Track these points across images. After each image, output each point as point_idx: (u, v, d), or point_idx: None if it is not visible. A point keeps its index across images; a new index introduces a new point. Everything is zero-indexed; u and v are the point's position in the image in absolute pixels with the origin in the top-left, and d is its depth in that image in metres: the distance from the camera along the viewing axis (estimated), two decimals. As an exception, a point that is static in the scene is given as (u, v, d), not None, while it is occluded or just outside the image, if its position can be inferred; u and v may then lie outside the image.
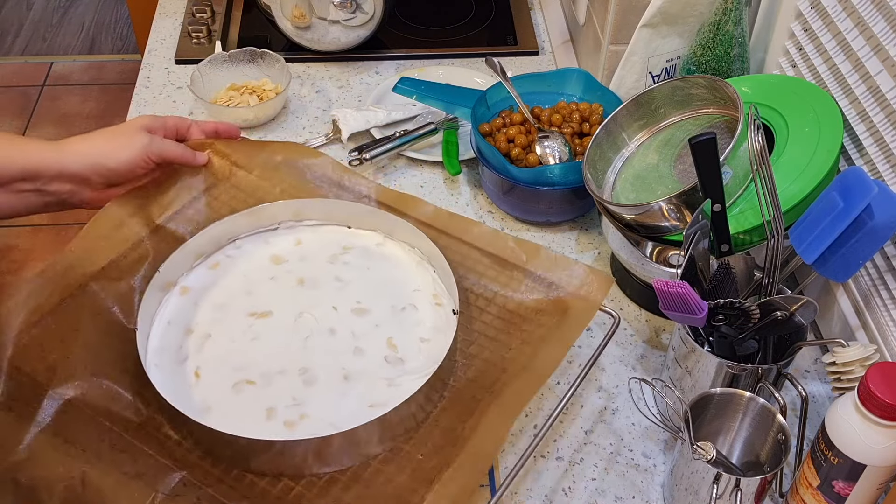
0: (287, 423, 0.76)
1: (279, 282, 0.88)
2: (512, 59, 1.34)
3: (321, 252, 0.91)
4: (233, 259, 0.91)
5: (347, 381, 0.79)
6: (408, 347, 0.82)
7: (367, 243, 0.92)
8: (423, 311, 0.85)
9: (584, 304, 0.82)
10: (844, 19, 0.86)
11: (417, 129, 1.16)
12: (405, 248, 0.91)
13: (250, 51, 1.24)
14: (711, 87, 0.91)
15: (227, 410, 0.77)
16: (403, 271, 0.89)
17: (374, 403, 0.77)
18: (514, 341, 0.81)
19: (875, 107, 0.83)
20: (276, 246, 0.92)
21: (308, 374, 0.80)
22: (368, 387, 0.79)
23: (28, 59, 2.94)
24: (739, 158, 0.84)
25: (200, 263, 0.90)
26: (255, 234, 0.93)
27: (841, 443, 0.69)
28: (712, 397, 0.77)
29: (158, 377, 0.78)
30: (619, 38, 1.11)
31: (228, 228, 0.91)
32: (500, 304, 0.85)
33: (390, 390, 0.78)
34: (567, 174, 1.00)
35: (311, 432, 0.74)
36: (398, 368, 0.80)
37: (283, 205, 0.92)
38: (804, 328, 0.77)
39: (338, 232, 0.93)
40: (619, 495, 0.81)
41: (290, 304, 0.86)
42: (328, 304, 0.86)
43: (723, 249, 0.82)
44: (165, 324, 0.84)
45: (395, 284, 0.88)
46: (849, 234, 0.73)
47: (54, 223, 2.35)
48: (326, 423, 0.76)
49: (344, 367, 0.80)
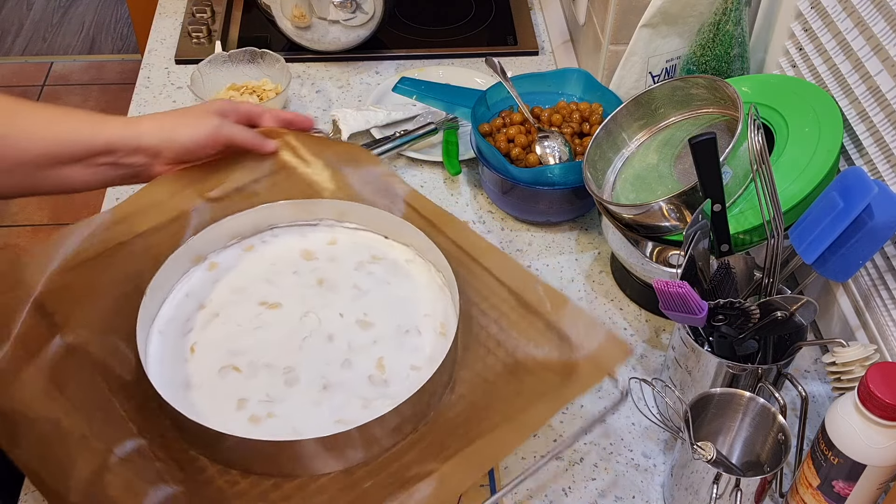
0: (252, 419, 0.76)
1: (300, 277, 0.88)
2: (512, 59, 1.34)
3: (351, 256, 0.90)
4: (266, 245, 0.91)
5: (325, 391, 0.78)
6: (396, 372, 0.80)
7: (397, 257, 0.90)
8: (425, 338, 0.82)
9: (592, 369, 0.77)
10: (844, 19, 0.86)
11: (417, 129, 1.16)
12: (432, 269, 0.88)
13: (250, 51, 1.24)
14: (711, 87, 0.90)
15: (205, 391, 0.77)
16: (422, 293, 0.86)
17: (343, 420, 0.75)
18: (510, 391, 0.77)
19: (875, 107, 0.83)
20: (311, 241, 0.91)
21: (291, 375, 0.79)
22: (343, 402, 0.77)
23: (28, 59, 2.94)
24: (739, 158, 0.84)
25: (236, 244, 0.90)
26: (294, 227, 0.92)
27: (841, 443, 0.69)
28: (712, 397, 0.77)
29: (157, 345, 0.80)
30: (619, 38, 1.11)
31: (270, 215, 0.91)
32: (509, 350, 0.80)
33: (363, 411, 0.76)
34: (567, 174, 1.00)
35: (270, 432, 0.74)
36: (379, 390, 0.78)
37: (328, 203, 0.91)
38: (804, 328, 0.77)
39: (373, 240, 0.91)
40: (619, 495, 0.81)
41: (301, 301, 0.85)
42: (337, 309, 0.85)
43: (723, 249, 0.82)
44: (183, 295, 0.85)
45: (409, 304, 0.85)
46: (849, 234, 0.73)
47: (54, 223, 2.36)
48: (290, 427, 0.75)
49: (327, 376, 0.79)
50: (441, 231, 0.89)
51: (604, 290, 1.00)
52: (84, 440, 0.71)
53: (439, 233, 0.88)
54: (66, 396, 0.74)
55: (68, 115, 0.84)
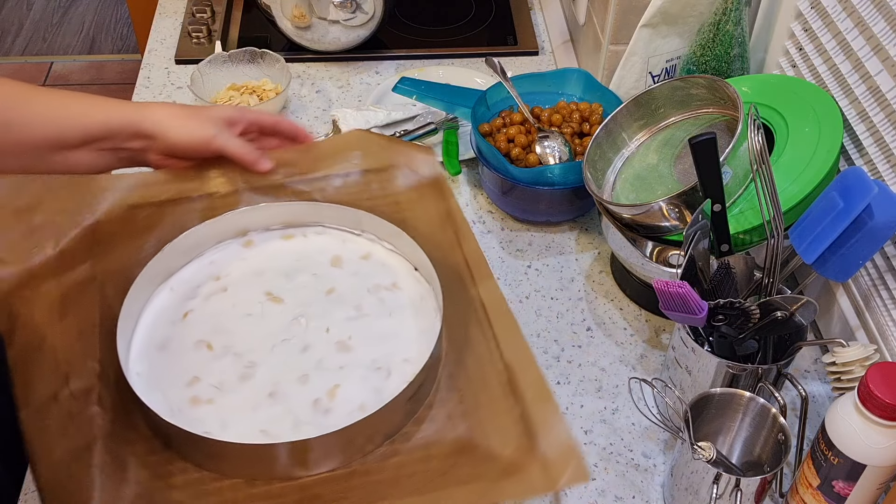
0: (193, 399, 0.76)
1: (316, 280, 0.87)
2: (512, 59, 1.34)
3: (373, 277, 0.88)
4: (304, 240, 0.91)
5: (269, 398, 0.77)
6: (343, 405, 0.77)
7: (414, 293, 0.86)
8: (391, 382, 0.79)
9: (542, 479, 0.70)
10: (844, 19, 0.86)
11: (417, 129, 1.16)
12: (439, 318, 0.83)
13: (250, 51, 1.24)
14: (711, 87, 0.91)
15: (172, 358, 0.78)
16: (415, 336, 0.83)
17: (267, 432, 0.74)
18: (441, 466, 0.73)
19: (875, 107, 0.83)
20: (347, 249, 0.90)
21: (249, 371, 0.79)
22: (278, 417, 0.76)
23: (28, 59, 2.94)
24: (739, 158, 0.84)
25: (279, 229, 0.91)
26: (340, 231, 0.92)
27: (841, 443, 0.69)
28: (712, 397, 0.77)
29: (162, 300, 0.82)
30: (619, 38, 1.11)
31: (318, 212, 0.91)
32: (470, 425, 0.75)
33: (289, 432, 0.75)
34: (567, 174, 1.00)
35: (198, 418, 0.75)
36: (316, 417, 0.76)
37: (381, 222, 0.89)
38: (804, 328, 0.77)
39: (403, 268, 0.89)
40: (619, 495, 0.81)
41: (302, 304, 0.85)
42: (328, 323, 0.83)
43: (723, 249, 0.82)
44: (208, 262, 0.86)
45: (396, 343, 0.82)
46: (849, 234, 0.73)
47: (54, 223, 2.35)
48: (218, 420, 0.75)
49: (279, 384, 0.78)
50: (472, 277, 0.86)
51: (604, 290, 1.00)
52: (55, 364, 0.73)
53: (470, 279, 0.85)
54: (64, 318, 0.76)
55: (74, 99, 0.84)
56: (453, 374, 0.79)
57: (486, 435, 0.75)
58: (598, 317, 0.97)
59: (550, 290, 0.99)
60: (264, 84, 1.23)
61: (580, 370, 0.91)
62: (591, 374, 0.91)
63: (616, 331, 0.95)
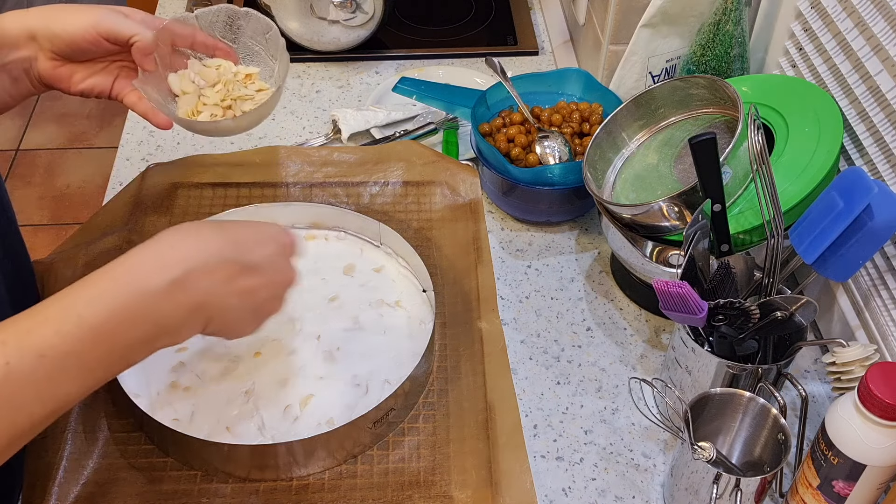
0: (173, 385, 0.78)
1: (324, 285, 0.87)
2: (512, 59, 1.34)
3: (379, 292, 0.88)
4: (325, 243, 0.92)
5: (244, 396, 0.78)
6: (312, 416, 0.77)
7: (415, 316, 0.86)
8: (367, 401, 0.79)
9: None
10: (844, 19, 0.86)
11: (417, 129, 1.16)
12: (434, 342, 0.84)
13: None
14: (711, 87, 0.91)
15: None
16: (404, 359, 0.82)
17: (233, 431, 0.75)
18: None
19: (875, 107, 0.83)
20: (362, 259, 0.91)
21: (230, 366, 0.79)
22: (246, 416, 0.77)
23: (28, 59, 2.94)
24: (739, 158, 0.84)
25: (304, 229, 0.92)
26: (360, 239, 0.92)
27: (841, 443, 0.69)
28: (712, 397, 0.77)
29: None
30: (619, 38, 1.11)
31: (342, 217, 0.92)
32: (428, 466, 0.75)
33: (253, 433, 0.76)
34: (567, 174, 1.00)
35: (172, 405, 0.77)
36: (284, 424, 0.76)
37: (399, 239, 0.89)
38: (804, 328, 0.77)
39: (412, 287, 0.89)
40: (619, 495, 0.81)
41: (302, 307, 0.85)
42: (321, 331, 0.83)
43: (723, 249, 0.82)
44: None
45: (381, 362, 0.82)
46: (849, 234, 0.73)
47: (54, 223, 2.36)
48: (189, 407, 0.77)
49: (257, 384, 0.79)
50: (479, 308, 0.86)
51: (604, 290, 1.00)
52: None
53: (476, 309, 0.86)
54: None
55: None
56: (434, 405, 0.79)
57: (447, 473, 0.74)
58: (598, 317, 0.97)
59: (550, 290, 0.99)
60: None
61: (580, 370, 0.91)
62: (591, 374, 0.91)
63: (616, 331, 0.95)
